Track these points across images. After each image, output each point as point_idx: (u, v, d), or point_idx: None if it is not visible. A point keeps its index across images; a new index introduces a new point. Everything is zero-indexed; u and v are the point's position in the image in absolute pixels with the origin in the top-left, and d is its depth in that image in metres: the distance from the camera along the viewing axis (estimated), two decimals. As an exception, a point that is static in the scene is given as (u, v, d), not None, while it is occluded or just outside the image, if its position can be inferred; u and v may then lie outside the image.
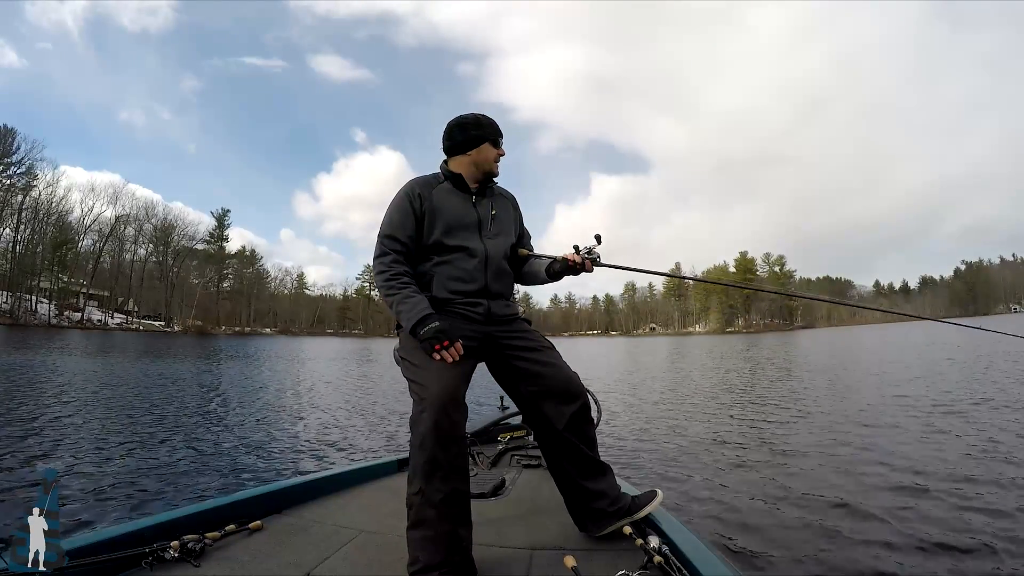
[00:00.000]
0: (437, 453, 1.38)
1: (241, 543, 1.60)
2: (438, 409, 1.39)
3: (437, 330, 1.49)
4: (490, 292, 1.66)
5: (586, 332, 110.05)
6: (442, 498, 1.38)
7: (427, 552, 1.36)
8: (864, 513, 3.18)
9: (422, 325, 1.51)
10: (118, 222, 60.18)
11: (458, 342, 1.52)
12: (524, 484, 2.27)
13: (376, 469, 2.37)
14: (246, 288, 78.11)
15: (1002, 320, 58.24)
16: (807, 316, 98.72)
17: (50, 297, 53.34)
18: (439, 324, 1.51)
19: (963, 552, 2.63)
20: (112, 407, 7.31)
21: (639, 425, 6.43)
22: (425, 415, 1.40)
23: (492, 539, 1.65)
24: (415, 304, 1.54)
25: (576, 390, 1.65)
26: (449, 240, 1.64)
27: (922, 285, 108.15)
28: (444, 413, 1.39)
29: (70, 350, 20.02)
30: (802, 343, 32.60)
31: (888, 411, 6.51)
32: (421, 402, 1.43)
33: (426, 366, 1.49)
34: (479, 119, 1.74)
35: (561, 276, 1.77)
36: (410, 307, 1.54)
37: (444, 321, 1.53)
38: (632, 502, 1.66)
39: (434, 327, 1.50)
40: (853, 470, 4.11)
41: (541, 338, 1.73)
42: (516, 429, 3.04)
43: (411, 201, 1.64)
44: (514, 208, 1.85)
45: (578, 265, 1.71)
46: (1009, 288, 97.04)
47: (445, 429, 1.39)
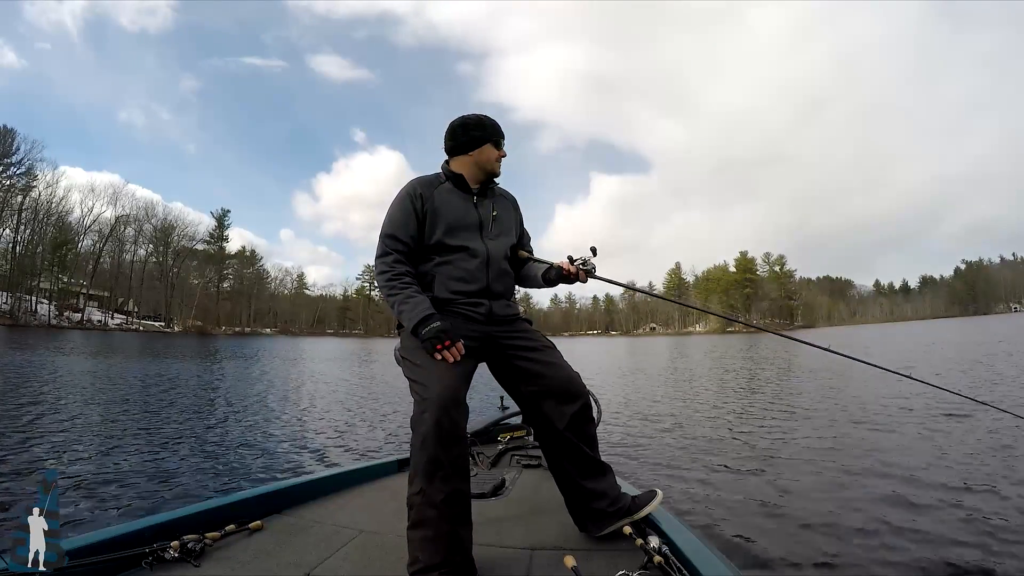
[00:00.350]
0: (439, 453, 1.38)
1: (241, 543, 1.60)
2: (439, 409, 1.39)
3: (438, 330, 1.49)
4: (492, 292, 1.67)
5: (586, 332, 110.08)
6: (443, 498, 1.38)
7: (427, 552, 1.36)
8: (864, 513, 3.18)
9: (424, 325, 1.51)
10: (118, 222, 60.24)
11: (459, 342, 1.52)
12: (524, 484, 2.27)
13: (376, 469, 2.37)
14: (246, 288, 78.12)
15: (1003, 319, 58.23)
16: (807, 316, 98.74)
17: (50, 298, 53.36)
18: (440, 324, 1.51)
19: (963, 553, 2.63)
20: (112, 407, 7.31)
21: (639, 425, 6.43)
22: (427, 415, 1.40)
23: (492, 539, 1.65)
24: (416, 304, 1.54)
25: (577, 390, 1.65)
26: (451, 240, 1.64)
27: (922, 285, 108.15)
28: (445, 413, 1.39)
29: (70, 351, 20.02)
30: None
31: (889, 411, 6.51)
32: (423, 402, 1.43)
33: (428, 366, 1.49)
34: (482, 120, 1.74)
35: (556, 284, 1.81)
36: (412, 307, 1.54)
37: (445, 321, 1.53)
38: (632, 502, 1.66)
39: (435, 327, 1.50)
40: (854, 470, 4.11)
41: (542, 338, 1.73)
42: (516, 429, 3.04)
43: (413, 201, 1.64)
44: (515, 209, 1.85)
45: (572, 275, 1.73)
46: (1009, 287, 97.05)
47: (446, 429, 1.39)
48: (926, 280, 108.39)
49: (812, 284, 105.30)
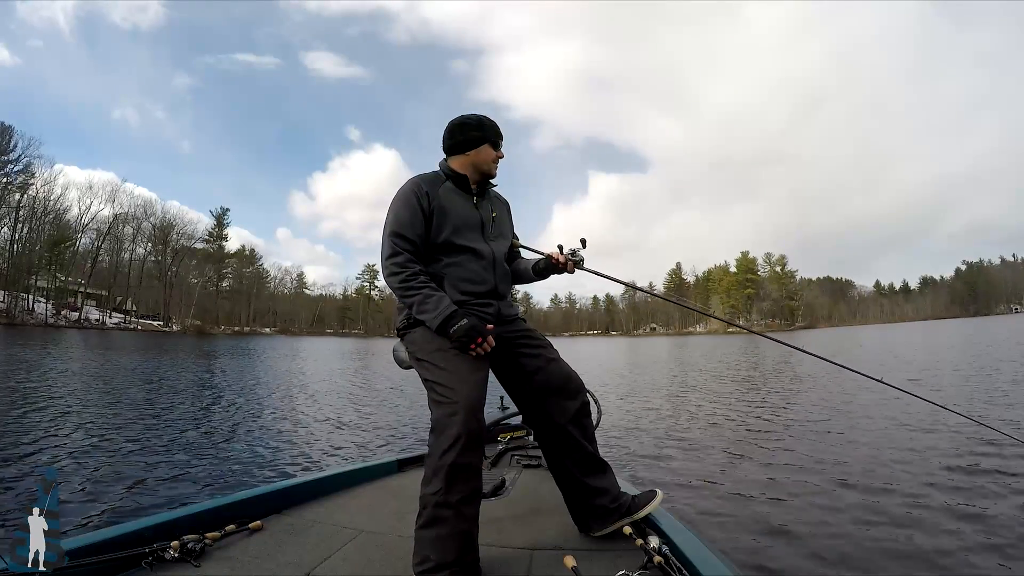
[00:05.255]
0: (466, 457, 1.39)
1: (241, 543, 1.60)
2: (469, 413, 1.40)
3: (470, 327, 1.48)
4: (499, 293, 1.69)
5: (586, 332, 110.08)
6: (461, 498, 1.39)
7: (439, 551, 1.36)
8: (864, 513, 3.18)
9: (450, 323, 1.49)
10: (116, 221, 60.06)
11: (490, 336, 1.52)
12: (524, 484, 2.27)
13: (376, 469, 2.37)
14: (245, 288, 77.99)
15: (1003, 320, 58.29)
16: (808, 316, 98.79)
17: (47, 296, 53.19)
18: (470, 321, 1.50)
19: (964, 551, 2.63)
20: (111, 407, 7.31)
21: (639, 425, 6.43)
22: (457, 418, 1.39)
23: (492, 539, 1.64)
24: (439, 301, 1.52)
25: (576, 387, 1.68)
26: (458, 240, 1.64)
27: (923, 285, 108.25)
28: (474, 417, 1.42)
29: (67, 349, 20.00)
30: (802, 343, 32.53)
31: (888, 410, 6.51)
32: (452, 405, 1.42)
33: (453, 369, 1.48)
34: (481, 120, 1.74)
35: (546, 275, 1.82)
36: (434, 305, 1.52)
37: (472, 317, 1.52)
38: (632, 501, 1.66)
39: (464, 325, 1.48)
40: (854, 470, 4.11)
41: (540, 335, 1.77)
42: (516, 429, 3.04)
43: (419, 199, 1.61)
44: (509, 210, 1.88)
45: (561, 265, 1.75)
46: (1010, 288, 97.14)
47: (475, 433, 1.41)
48: (926, 280, 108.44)
49: (812, 284, 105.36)
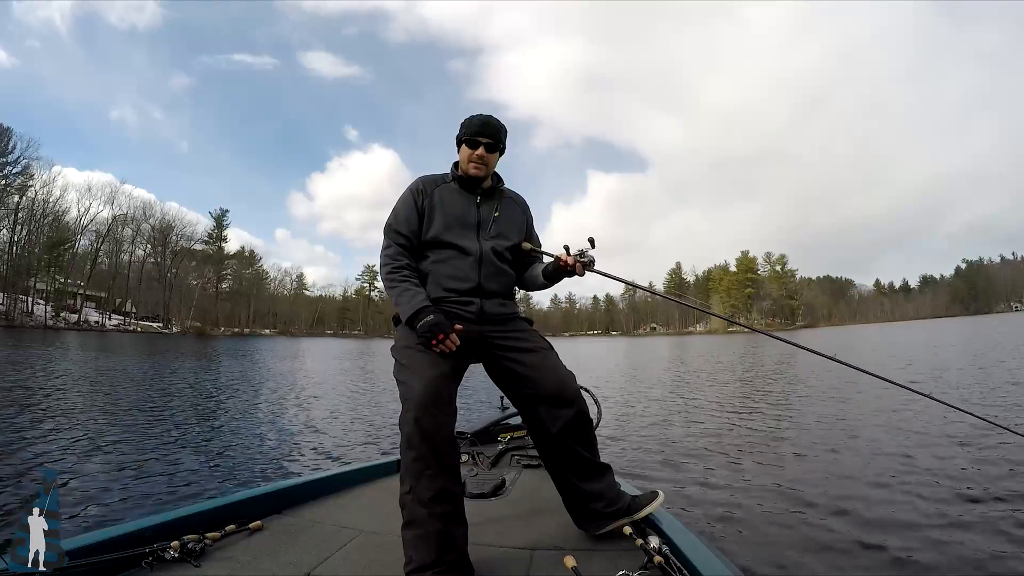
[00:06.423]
0: (423, 452, 1.39)
1: (241, 543, 1.60)
2: (419, 408, 1.40)
3: (432, 324, 1.51)
4: (483, 291, 1.66)
5: (586, 332, 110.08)
6: (431, 497, 1.38)
7: (420, 551, 1.36)
8: (865, 513, 3.18)
9: (418, 317, 1.53)
10: (115, 222, 59.99)
11: (453, 334, 1.52)
12: (524, 484, 2.27)
13: (376, 469, 2.37)
14: (245, 289, 77.92)
15: (1003, 319, 58.31)
16: (808, 316, 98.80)
17: (46, 298, 53.14)
18: (434, 318, 1.52)
19: (964, 551, 2.63)
20: (111, 408, 7.30)
21: (640, 425, 6.44)
22: (408, 415, 1.41)
23: (492, 539, 1.64)
24: (413, 296, 1.57)
25: (571, 395, 1.61)
26: (445, 237, 1.66)
27: (923, 284, 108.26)
28: (425, 412, 1.40)
29: (67, 352, 19.99)
30: (805, 343, 32.51)
31: (889, 410, 6.51)
32: (405, 402, 1.44)
33: (411, 366, 1.50)
34: (468, 119, 1.74)
35: (555, 278, 1.76)
36: (408, 299, 1.57)
37: (439, 315, 1.54)
38: (632, 502, 1.66)
39: (429, 320, 1.51)
40: (854, 471, 4.11)
41: (538, 339, 1.71)
42: (516, 429, 3.03)
43: (416, 197, 1.70)
44: (523, 212, 1.85)
45: (569, 267, 1.68)
46: (1010, 287, 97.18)
47: (428, 428, 1.40)
48: (927, 279, 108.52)
49: (812, 284, 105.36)
